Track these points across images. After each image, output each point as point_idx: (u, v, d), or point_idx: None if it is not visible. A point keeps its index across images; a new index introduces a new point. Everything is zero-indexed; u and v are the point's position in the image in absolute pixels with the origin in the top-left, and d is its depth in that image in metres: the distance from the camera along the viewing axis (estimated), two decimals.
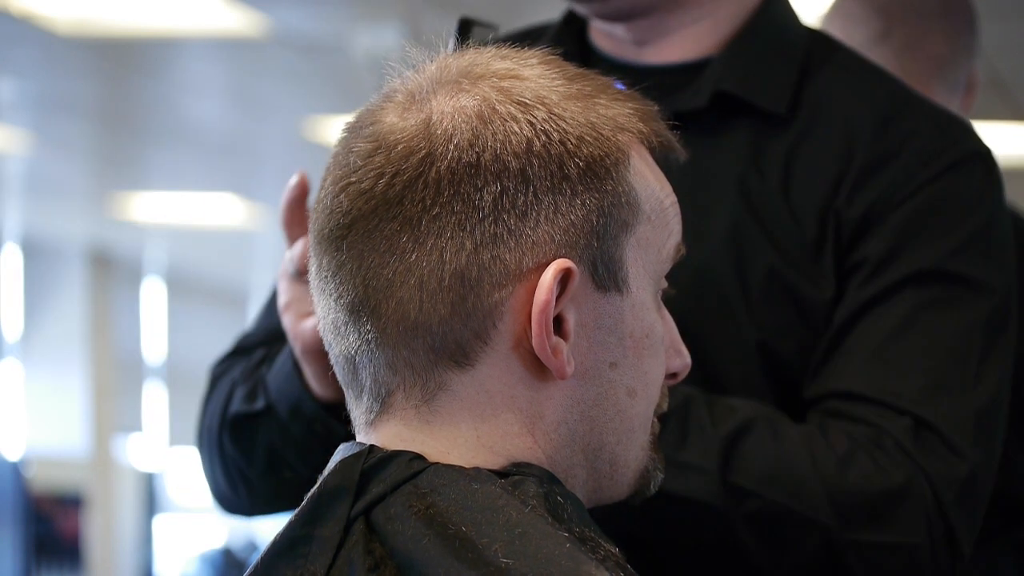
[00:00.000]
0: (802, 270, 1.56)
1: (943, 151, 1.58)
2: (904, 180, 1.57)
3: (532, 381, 1.12)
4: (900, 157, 1.58)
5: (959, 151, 1.59)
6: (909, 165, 1.57)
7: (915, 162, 1.57)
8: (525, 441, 1.13)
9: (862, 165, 1.58)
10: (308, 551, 1.11)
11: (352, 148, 1.14)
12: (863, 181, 1.57)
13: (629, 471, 1.18)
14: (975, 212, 1.58)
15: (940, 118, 1.63)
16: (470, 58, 1.16)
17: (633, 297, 1.15)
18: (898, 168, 1.57)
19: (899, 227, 1.55)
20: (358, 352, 1.13)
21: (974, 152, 1.60)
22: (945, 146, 1.59)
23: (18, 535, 10.18)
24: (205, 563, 12.51)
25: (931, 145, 1.58)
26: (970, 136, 1.63)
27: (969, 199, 1.58)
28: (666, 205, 1.17)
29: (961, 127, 1.63)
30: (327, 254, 1.14)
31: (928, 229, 1.56)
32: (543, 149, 1.11)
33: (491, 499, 1.09)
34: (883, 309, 1.54)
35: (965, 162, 1.59)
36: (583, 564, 1.05)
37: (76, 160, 9.03)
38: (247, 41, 6.44)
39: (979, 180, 1.59)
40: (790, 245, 1.57)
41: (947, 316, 1.54)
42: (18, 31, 6.32)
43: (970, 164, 1.59)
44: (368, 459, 1.12)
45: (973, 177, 1.59)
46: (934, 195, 1.57)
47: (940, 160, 1.58)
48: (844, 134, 1.59)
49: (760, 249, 1.57)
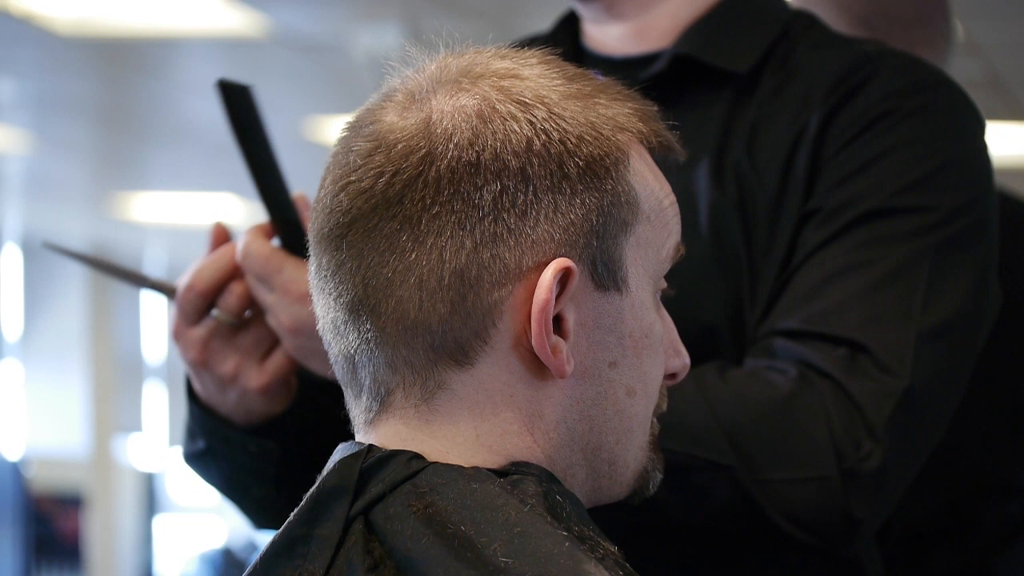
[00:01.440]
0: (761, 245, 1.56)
1: (900, 90, 1.58)
2: (857, 118, 1.56)
3: (532, 380, 1.12)
4: (856, 98, 1.57)
5: (917, 87, 1.58)
6: (863, 105, 1.57)
7: (870, 101, 1.57)
8: (524, 440, 1.13)
9: (822, 114, 1.57)
10: (307, 551, 1.11)
11: (352, 147, 1.14)
12: (824, 127, 1.57)
13: (628, 471, 1.18)
14: (937, 146, 1.57)
15: (903, 61, 1.62)
16: (470, 58, 1.16)
17: (632, 297, 1.15)
18: (854, 108, 1.57)
19: (854, 169, 1.55)
20: (357, 351, 1.13)
21: (934, 85, 1.60)
22: (903, 85, 1.58)
23: (18, 535, 10.18)
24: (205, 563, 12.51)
25: (888, 85, 1.58)
26: (932, 74, 1.62)
27: (930, 133, 1.57)
28: (665, 205, 1.17)
29: (925, 68, 1.63)
30: (327, 253, 1.14)
31: (883, 168, 1.55)
32: (543, 148, 1.11)
33: (490, 498, 1.09)
34: (829, 250, 1.53)
35: (923, 97, 1.58)
36: (582, 563, 1.05)
37: (76, 160, 9.03)
38: (247, 41, 6.44)
39: (941, 113, 1.58)
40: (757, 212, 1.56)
41: (892, 248, 1.52)
42: (18, 31, 6.32)
43: (930, 98, 1.58)
44: (367, 459, 1.12)
45: (933, 111, 1.58)
46: (891, 132, 1.56)
47: (895, 98, 1.57)
48: (807, 91, 1.59)
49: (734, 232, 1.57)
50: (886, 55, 1.63)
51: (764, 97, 1.60)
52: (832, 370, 1.48)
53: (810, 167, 1.56)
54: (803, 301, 1.51)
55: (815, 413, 1.47)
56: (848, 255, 1.52)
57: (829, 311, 1.50)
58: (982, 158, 1.61)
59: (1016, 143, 7.57)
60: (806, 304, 1.51)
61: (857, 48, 1.64)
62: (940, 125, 1.58)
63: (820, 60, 1.61)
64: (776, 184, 1.57)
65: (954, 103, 1.61)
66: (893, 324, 1.50)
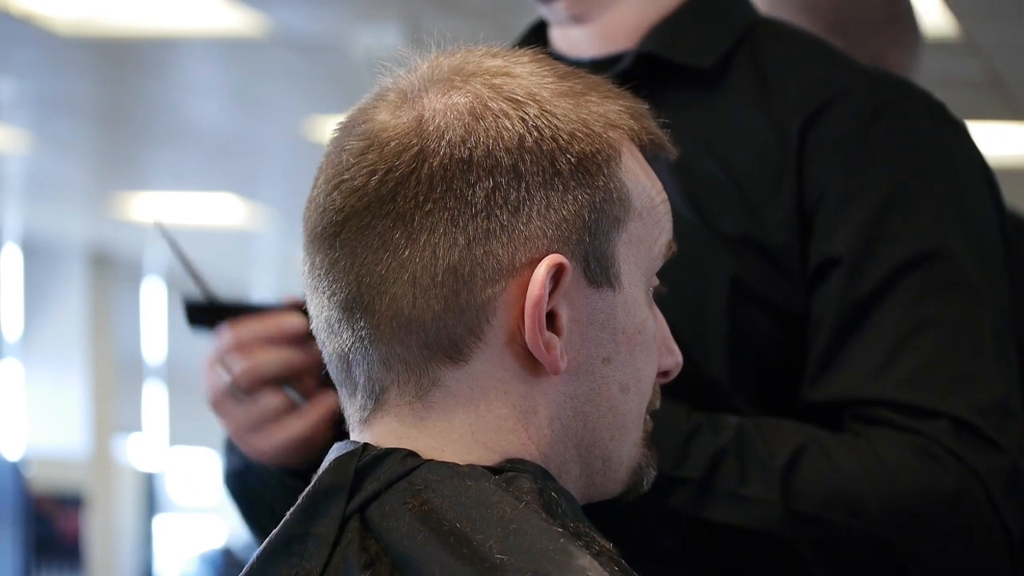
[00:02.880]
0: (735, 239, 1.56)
1: (882, 108, 1.58)
2: (842, 137, 1.56)
3: (526, 376, 1.13)
4: (837, 111, 1.57)
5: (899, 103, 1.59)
6: (847, 122, 1.57)
7: (855, 118, 1.57)
8: (519, 436, 1.13)
9: (799, 126, 1.57)
10: (304, 549, 1.11)
11: (344, 146, 1.14)
12: (802, 140, 1.57)
13: (622, 467, 1.18)
14: (942, 173, 1.57)
15: (876, 76, 1.62)
16: (461, 56, 1.17)
17: (625, 293, 1.15)
18: (835, 123, 1.57)
19: (866, 207, 1.55)
20: (352, 349, 1.14)
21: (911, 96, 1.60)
22: (885, 101, 1.58)
23: (18, 535, 10.18)
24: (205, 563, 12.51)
25: (868, 100, 1.58)
26: (912, 90, 1.62)
27: (928, 158, 1.57)
28: (657, 202, 1.17)
29: (898, 82, 1.63)
30: (320, 252, 1.14)
31: (897, 205, 1.55)
32: (535, 145, 1.11)
33: (485, 495, 1.09)
34: (884, 307, 1.53)
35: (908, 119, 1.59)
36: (577, 559, 1.05)
37: (76, 160, 9.03)
38: (247, 41, 6.44)
39: (928, 133, 1.59)
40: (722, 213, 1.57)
41: (947, 302, 1.53)
42: (18, 31, 6.32)
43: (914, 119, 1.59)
44: (362, 457, 1.12)
45: (923, 133, 1.58)
46: (888, 157, 1.56)
47: (879, 121, 1.57)
48: (778, 94, 1.59)
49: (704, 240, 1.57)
50: (852, 65, 1.63)
51: (727, 91, 1.60)
52: (947, 442, 1.50)
53: (797, 173, 1.56)
54: (885, 368, 1.52)
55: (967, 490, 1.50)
56: (906, 313, 1.53)
57: (915, 379, 1.52)
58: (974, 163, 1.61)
59: (1016, 143, 7.56)
60: (889, 371, 1.52)
61: (824, 52, 1.64)
62: (931, 146, 1.58)
63: (786, 58, 1.62)
64: (752, 182, 1.56)
65: (934, 118, 1.61)
66: (977, 390, 1.52)
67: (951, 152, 1.60)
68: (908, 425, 1.50)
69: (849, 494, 1.48)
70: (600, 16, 1.65)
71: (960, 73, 6.53)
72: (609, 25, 1.66)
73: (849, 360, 1.53)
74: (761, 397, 1.56)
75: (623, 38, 1.65)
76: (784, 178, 1.57)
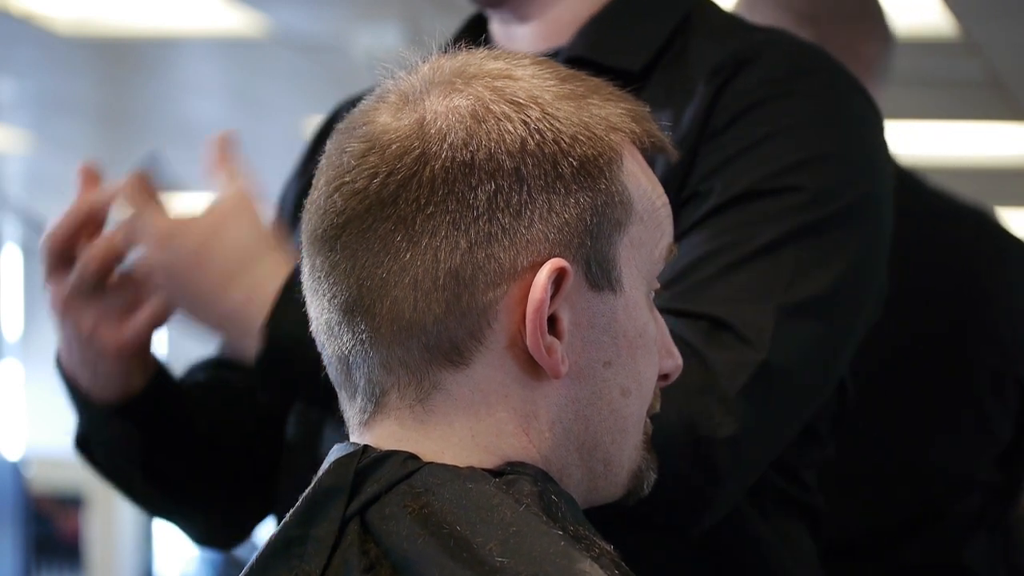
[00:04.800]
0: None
1: (778, 77, 1.58)
2: (733, 103, 1.56)
3: (527, 380, 1.13)
4: (735, 81, 1.57)
5: (796, 72, 1.59)
6: (741, 88, 1.57)
7: (748, 85, 1.57)
8: (520, 440, 1.13)
9: (704, 102, 1.57)
10: (303, 551, 1.11)
11: (345, 149, 1.14)
12: (706, 114, 1.56)
13: (623, 471, 1.18)
14: (814, 132, 1.57)
15: (788, 47, 1.62)
16: (463, 59, 1.16)
17: (627, 296, 1.15)
18: (733, 92, 1.56)
19: (728, 156, 1.54)
20: (352, 352, 1.13)
21: (814, 70, 1.60)
22: (783, 71, 1.58)
23: (18, 535, 10.18)
24: (205, 563, 12.51)
25: (766, 71, 1.58)
26: (816, 59, 1.62)
27: (808, 119, 1.57)
28: (658, 206, 1.17)
29: (809, 53, 1.63)
30: (320, 254, 1.14)
31: (757, 154, 1.54)
32: (537, 148, 1.11)
33: (486, 498, 1.09)
34: (699, 232, 1.52)
35: (803, 83, 1.58)
36: (577, 562, 1.05)
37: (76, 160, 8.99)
38: (247, 41, 6.44)
39: (820, 98, 1.58)
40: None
41: (759, 228, 1.52)
42: (18, 31, 6.32)
43: (809, 83, 1.58)
44: (362, 459, 1.12)
45: (812, 97, 1.58)
46: (767, 119, 1.56)
47: (772, 85, 1.57)
48: (691, 79, 1.59)
49: None
50: (772, 42, 1.63)
51: (653, 92, 1.59)
52: (692, 340, 1.46)
53: (692, 153, 1.55)
54: (672, 282, 1.50)
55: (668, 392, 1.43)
56: (716, 237, 1.52)
57: (693, 289, 1.50)
58: (864, 144, 1.60)
59: (1016, 143, 7.56)
60: (674, 284, 1.50)
61: (745, 35, 1.64)
62: (819, 111, 1.58)
63: (707, 49, 1.61)
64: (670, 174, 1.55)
65: (836, 87, 1.61)
66: (755, 300, 1.49)
67: (839, 114, 1.59)
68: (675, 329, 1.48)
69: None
70: (541, 15, 1.65)
71: (960, 73, 6.54)
72: (548, 23, 1.65)
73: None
74: None
75: (560, 35, 1.65)
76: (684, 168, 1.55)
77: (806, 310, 1.50)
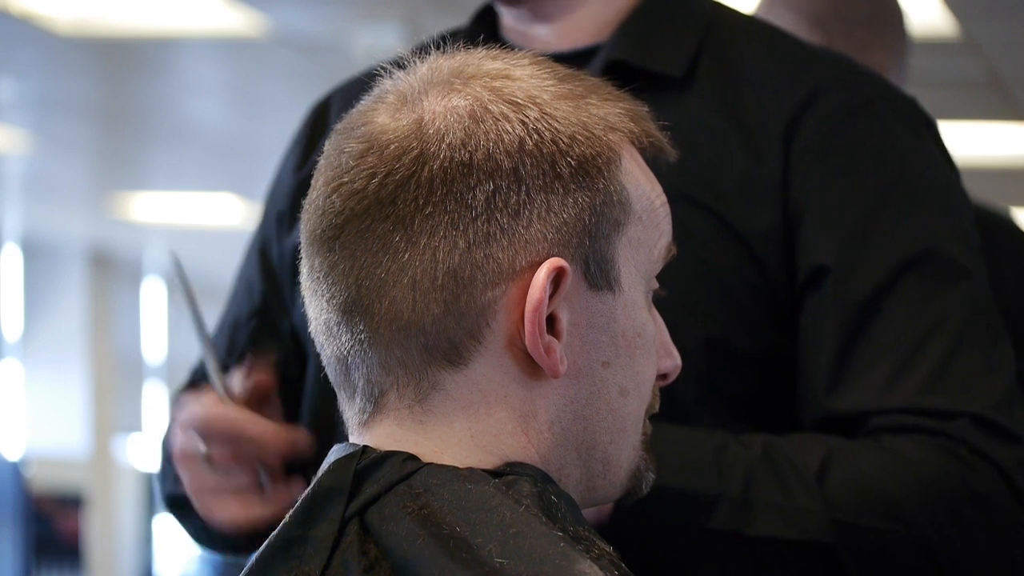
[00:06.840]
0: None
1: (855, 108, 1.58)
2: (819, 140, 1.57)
3: (525, 380, 1.13)
4: (814, 111, 1.57)
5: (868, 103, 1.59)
6: (823, 125, 1.57)
7: (830, 121, 1.57)
8: (519, 440, 1.13)
9: (775, 124, 1.57)
10: (303, 552, 1.11)
11: (344, 149, 1.14)
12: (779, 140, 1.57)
13: (622, 471, 1.18)
14: (921, 173, 1.58)
15: (847, 71, 1.63)
16: (461, 59, 1.16)
17: (625, 296, 1.15)
18: (813, 125, 1.57)
19: (851, 214, 1.55)
20: (351, 352, 1.13)
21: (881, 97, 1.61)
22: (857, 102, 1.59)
23: (18, 535, 10.18)
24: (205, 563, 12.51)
25: (840, 100, 1.58)
26: (884, 88, 1.63)
27: (901, 159, 1.58)
28: (656, 205, 1.17)
29: (869, 79, 1.64)
30: (319, 255, 1.14)
31: (883, 209, 1.55)
32: (535, 148, 1.11)
33: (485, 499, 1.09)
34: (887, 311, 1.53)
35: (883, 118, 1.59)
36: (577, 563, 1.05)
37: (76, 160, 9.03)
38: (247, 41, 6.44)
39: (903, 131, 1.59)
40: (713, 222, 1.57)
41: (947, 301, 1.54)
42: (18, 31, 6.32)
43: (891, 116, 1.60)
44: (361, 460, 1.12)
45: (896, 130, 1.59)
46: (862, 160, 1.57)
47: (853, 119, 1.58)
48: (751, 93, 1.59)
49: None
50: (820, 58, 1.64)
51: (700, 99, 1.59)
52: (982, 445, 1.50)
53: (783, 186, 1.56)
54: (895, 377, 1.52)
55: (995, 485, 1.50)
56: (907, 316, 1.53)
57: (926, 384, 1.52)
58: (952, 170, 1.62)
59: (1016, 143, 7.56)
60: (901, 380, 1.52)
61: (790, 46, 1.64)
62: (908, 147, 1.59)
63: (753, 57, 1.61)
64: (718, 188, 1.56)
65: (907, 118, 1.61)
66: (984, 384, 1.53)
67: (927, 151, 1.61)
68: (930, 427, 1.50)
69: (885, 498, 1.48)
70: (561, 17, 1.65)
71: (960, 73, 6.53)
72: (569, 24, 1.65)
73: (862, 368, 1.53)
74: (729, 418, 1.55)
75: (582, 35, 1.65)
76: (766, 190, 1.56)
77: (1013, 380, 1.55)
